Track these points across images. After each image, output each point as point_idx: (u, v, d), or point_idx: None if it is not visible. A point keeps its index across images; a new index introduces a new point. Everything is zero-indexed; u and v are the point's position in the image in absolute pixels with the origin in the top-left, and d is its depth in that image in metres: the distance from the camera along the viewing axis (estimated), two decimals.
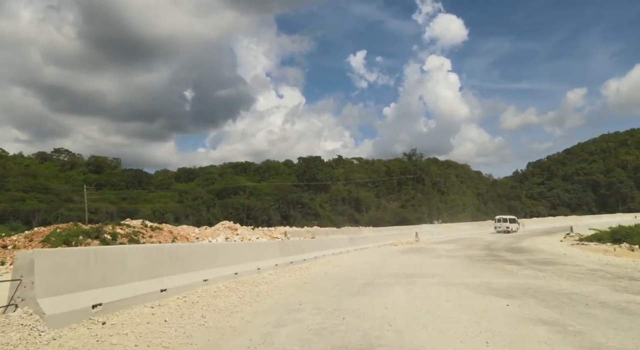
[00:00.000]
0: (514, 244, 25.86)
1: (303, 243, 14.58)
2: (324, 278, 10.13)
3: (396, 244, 26.75)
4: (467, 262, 13.77)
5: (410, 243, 28.46)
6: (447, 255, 17.01)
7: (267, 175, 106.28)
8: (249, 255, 10.23)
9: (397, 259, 15.76)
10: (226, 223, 47.76)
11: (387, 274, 10.60)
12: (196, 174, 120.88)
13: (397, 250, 21.48)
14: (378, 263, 13.72)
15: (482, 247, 23.34)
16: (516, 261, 13.85)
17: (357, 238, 21.17)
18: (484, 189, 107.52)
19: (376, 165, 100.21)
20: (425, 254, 18.05)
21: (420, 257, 16.24)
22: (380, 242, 25.23)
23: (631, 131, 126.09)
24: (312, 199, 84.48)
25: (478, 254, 17.57)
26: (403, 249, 21.97)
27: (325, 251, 16.05)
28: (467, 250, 20.38)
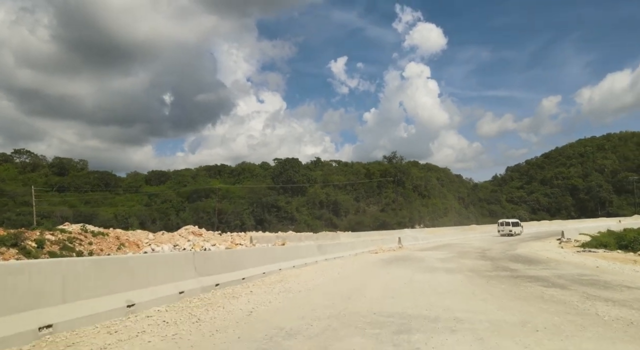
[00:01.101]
0: (510, 251, 22.40)
1: (244, 255, 10.38)
2: (233, 335, 5.15)
3: (377, 251, 22.85)
4: (478, 281, 9.87)
5: (393, 250, 24.63)
6: (443, 268, 13.14)
7: (242, 177, 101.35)
8: (140, 276, 6.03)
9: (377, 274, 11.75)
10: (190, 228, 43.40)
11: (362, 315, 6.12)
12: (168, 176, 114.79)
13: (378, 259, 17.53)
14: (350, 284, 9.63)
15: (477, 255, 19.66)
16: (544, 279, 10.06)
17: (329, 246, 17.10)
18: (465, 193, 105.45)
19: (355, 168, 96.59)
20: (415, 266, 14.15)
21: (410, 271, 12.30)
22: (357, 249, 21.26)
23: (607, 136, 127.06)
24: (289, 203, 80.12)
25: (481, 266, 13.80)
26: (385, 258, 18.04)
27: (282, 263, 11.95)
28: (464, 260, 16.63)
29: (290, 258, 12.52)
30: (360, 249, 21.65)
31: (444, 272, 12.05)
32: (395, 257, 19.09)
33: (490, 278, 10.38)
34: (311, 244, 17.08)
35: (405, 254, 20.83)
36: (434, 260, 16.76)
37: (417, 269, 12.87)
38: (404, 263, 15.43)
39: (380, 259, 17.94)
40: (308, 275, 10.99)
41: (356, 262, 16.03)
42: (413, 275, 11.06)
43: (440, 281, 9.87)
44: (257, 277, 9.98)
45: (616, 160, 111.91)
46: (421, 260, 16.49)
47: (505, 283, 9.41)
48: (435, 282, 9.74)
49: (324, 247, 16.14)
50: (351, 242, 21.95)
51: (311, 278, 10.48)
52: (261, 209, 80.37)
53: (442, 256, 19.00)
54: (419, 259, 17.17)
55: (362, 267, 13.87)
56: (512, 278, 10.29)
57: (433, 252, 22.41)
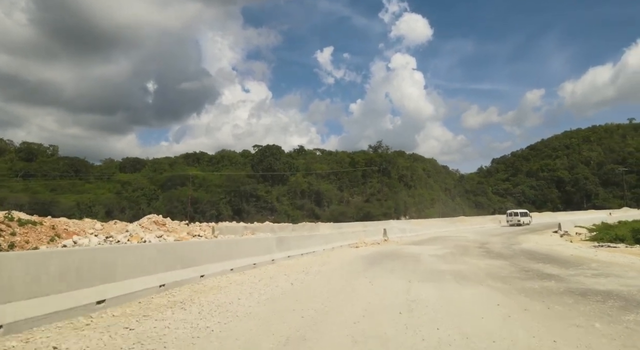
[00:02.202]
0: (515, 246, 18.89)
1: (139, 250, 6.15)
2: None
3: (357, 245, 19.00)
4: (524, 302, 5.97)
5: (378, 243, 20.83)
6: (449, 272, 9.35)
7: (221, 166, 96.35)
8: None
9: (355, 286, 7.80)
10: (153, 217, 38.73)
11: None
12: (144, 164, 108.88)
13: (359, 256, 13.65)
14: (301, 311, 5.49)
15: (481, 251, 16.00)
16: (624, 296, 6.25)
17: (295, 239, 13.02)
18: (452, 184, 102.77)
19: (340, 157, 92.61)
20: (408, 268, 10.32)
21: (404, 279, 8.45)
22: (335, 242, 17.36)
23: (593, 128, 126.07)
24: (269, 192, 75.84)
25: (499, 269, 10.05)
26: (368, 255, 14.17)
27: (208, 267, 7.93)
28: (468, 258, 12.88)
29: (226, 257, 8.52)
30: (339, 242, 17.75)
31: (454, 279, 8.22)
32: (381, 253, 15.25)
33: (536, 294, 6.56)
34: (267, 237, 13.07)
35: (393, 249, 17.02)
36: (431, 258, 12.96)
37: (413, 274, 9.02)
38: (393, 263, 11.58)
39: (362, 255, 14.06)
40: (235, 291, 6.91)
41: (329, 261, 12.10)
42: (410, 289, 7.17)
43: (461, 304, 5.94)
44: (139, 295, 5.88)
45: (602, 152, 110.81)
46: (415, 259, 12.67)
47: (576, 309, 5.54)
48: (455, 306, 5.79)
49: (287, 241, 12.15)
50: (328, 234, 18.04)
51: (236, 297, 6.39)
52: (239, 199, 75.93)
53: (439, 252, 15.24)
54: (411, 257, 13.35)
55: (335, 270, 9.93)
56: (570, 294, 6.51)
57: (425, 246, 18.67)
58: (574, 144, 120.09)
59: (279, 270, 9.57)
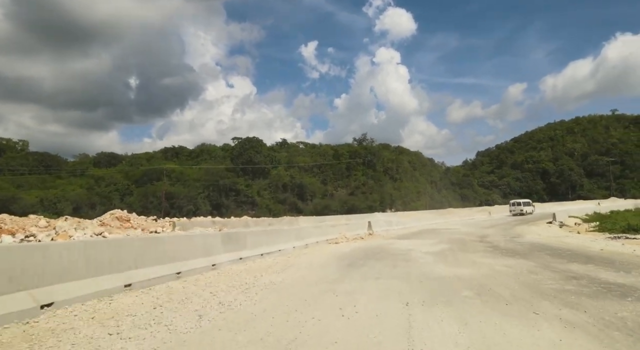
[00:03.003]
0: (518, 239, 16.39)
1: None
2: None
3: (337, 240, 16.20)
4: None
5: (361, 238, 18.07)
6: (459, 280, 6.49)
7: (200, 160, 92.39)
8: None
9: (315, 315, 4.83)
10: (116, 212, 35.23)
11: None
12: (119, 159, 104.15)
13: (335, 255, 10.83)
14: None
15: (486, 246, 13.38)
16: None
17: (251, 235, 9.95)
18: (437, 177, 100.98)
19: (323, 150, 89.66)
20: (399, 272, 7.54)
21: (398, 304, 5.46)
22: (310, 237, 14.52)
23: (576, 119, 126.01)
24: (249, 186, 72.52)
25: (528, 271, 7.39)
26: (348, 253, 11.36)
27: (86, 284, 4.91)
28: (474, 255, 10.19)
29: (123, 266, 5.54)
30: (315, 237, 14.90)
31: (476, 297, 5.39)
32: (364, 249, 12.45)
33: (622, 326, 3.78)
34: (207, 233, 10.12)
35: (379, 245, 14.26)
36: (426, 256, 10.22)
37: (409, 287, 6.20)
38: (379, 265, 8.78)
39: (341, 254, 11.24)
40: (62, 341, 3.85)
41: (295, 263, 9.23)
42: (411, 321, 4.29)
43: None
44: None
45: (585, 143, 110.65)
46: (406, 258, 9.91)
47: None
48: None
49: (239, 238, 9.17)
50: (302, 228, 15.16)
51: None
52: (218, 193, 72.40)
53: (433, 247, 12.54)
54: (401, 255, 10.58)
55: (295, 281, 6.99)
56: None
57: (416, 240, 15.99)
58: (557, 136, 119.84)
59: (209, 282, 6.60)
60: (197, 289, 6.02)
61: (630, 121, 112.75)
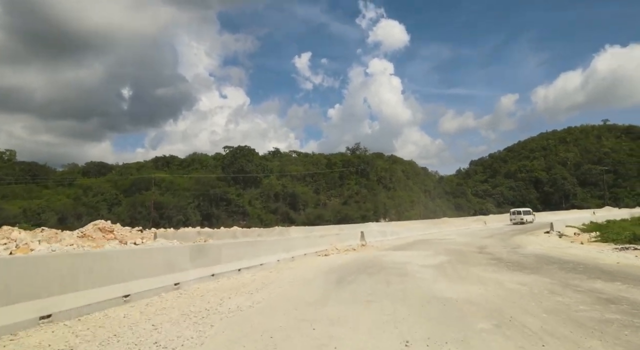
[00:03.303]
0: (520, 250, 15.40)
1: None
2: None
3: (328, 252, 15.06)
4: None
5: (353, 249, 16.92)
6: (467, 303, 5.38)
7: (191, 169, 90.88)
8: None
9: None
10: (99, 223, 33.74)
11: None
12: (109, 168, 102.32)
13: (323, 270, 9.70)
14: None
15: (484, 256, 12.33)
16: None
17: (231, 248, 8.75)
18: (431, 186, 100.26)
19: (316, 158, 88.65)
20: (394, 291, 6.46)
21: (394, 339, 4.32)
22: (298, 249, 13.37)
23: (568, 129, 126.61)
24: (240, 195, 71.09)
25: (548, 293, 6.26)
26: (337, 267, 10.23)
27: None
28: (477, 269, 9.12)
29: (24, 297, 4.29)
30: (303, 249, 13.75)
31: (496, 331, 4.26)
32: (356, 263, 11.33)
33: None
34: (171, 246, 8.89)
35: (372, 257, 13.15)
36: (424, 270, 9.13)
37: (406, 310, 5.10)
38: (370, 281, 7.67)
39: (329, 268, 10.10)
40: None
41: (276, 280, 8.08)
42: None
43: None
44: None
45: (578, 153, 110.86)
46: (401, 273, 8.80)
47: None
48: None
49: (211, 252, 7.97)
50: (289, 239, 14.03)
51: None
52: (208, 203, 70.84)
53: (431, 260, 11.46)
54: (396, 269, 9.47)
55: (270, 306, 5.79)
56: None
57: (412, 252, 14.90)
58: (550, 145, 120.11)
59: (162, 308, 5.40)
60: (141, 319, 4.85)
61: (622, 131, 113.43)
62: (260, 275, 8.70)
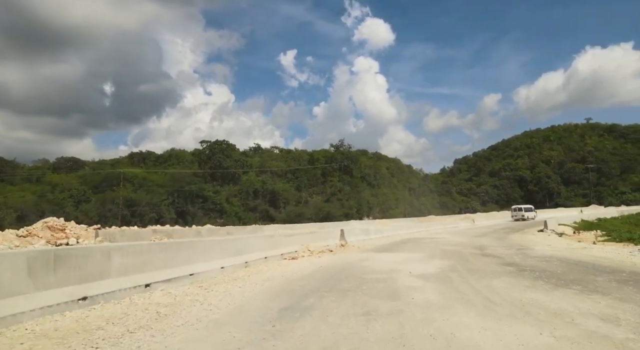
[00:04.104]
0: (528, 251, 12.79)
1: None
2: None
3: (297, 255, 12.13)
4: None
5: (330, 251, 14.00)
6: None
7: (168, 165, 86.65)
8: None
9: None
10: (50, 220, 30.20)
11: None
12: (81, 164, 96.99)
13: (268, 289, 6.75)
14: None
15: (492, 261, 9.57)
16: None
17: (133, 252, 5.84)
18: (416, 184, 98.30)
19: (298, 154, 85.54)
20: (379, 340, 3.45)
21: None
22: (257, 251, 10.41)
23: (552, 128, 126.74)
24: (217, 192, 67.47)
25: None
26: (296, 280, 7.33)
27: None
28: (498, 282, 6.28)
29: None
30: (263, 251, 10.78)
31: None
32: (327, 271, 8.42)
33: None
34: None
35: (351, 262, 10.26)
36: (423, 285, 6.26)
37: None
38: (340, 309, 4.80)
39: (285, 280, 7.16)
40: None
41: (184, 308, 5.09)
42: None
43: None
44: None
45: (562, 151, 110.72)
46: (389, 287, 5.92)
47: None
48: None
49: (79, 259, 4.88)
50: (240, 239, 10.99)
51: None
52: (183, 200, 67.03)
53: (429, 267, 8.62)
54: (382, 282, 6.58)
55: None
56: None
57: (401, 254, 12.08)
58: (534, 144, 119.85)
59: None
60: None
61: (605, 130, 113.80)
62: (173, 296, 5.72)
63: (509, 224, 40.98)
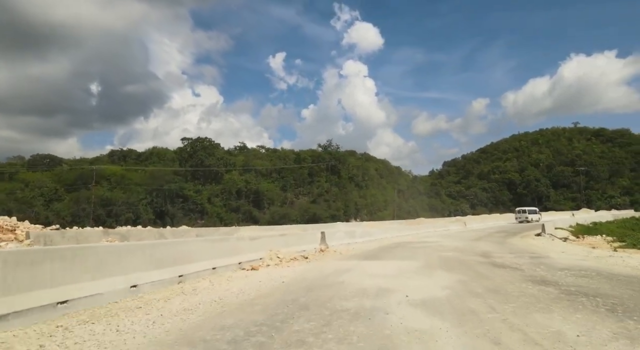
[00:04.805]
0: (545, 259, 10.45)
1: None
2: None
3: (260, 264, 9.59)
4: None
5: (305, 258, 11.49)
6: None
7: (148, 164, 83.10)
8: None
9: None
10: None
11: None
12: (57, 162, 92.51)
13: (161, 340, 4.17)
14: None
15: (513, 272, 7.13)
16: None
17: None
18: (405, 186, 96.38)
19: (284, 154, 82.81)
20: None
21: None
22: (205, 260, 7.83)
23: (540, 131, 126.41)
24: (198, 192, 64.39)
25: None
26: (232, 312, 4.80)
27: None
28: (540, 315, 3.84)
29: None
30: (211, 260, 8.23)
31: None
32: (290, 292, 5.95)
33: None
34: None
35: (326, 275, 7.79)
36: (433, 325, 3.76)
37: None
38: None
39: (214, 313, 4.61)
40: None
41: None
42: None
43: None
44: None
45: (550, 154, 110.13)
46: (377, 336, 3.36)
47: None
48: None
49: None
50: (178, 243, 8.40)
51: None
52: (163, 199, 63.76)
53: (434, 287, 6.21)
54: (364, 318, 4.13)
55: None
56: None
57: (391, 263, 9.63)
58: (523, 147, 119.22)
59: None
60: None
61: (592, 134, 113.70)
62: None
63: (502, 227, 39.10)
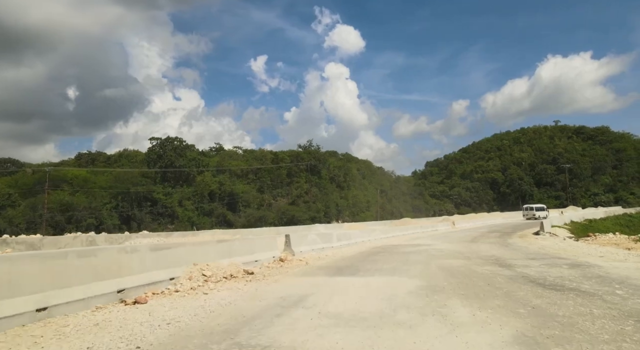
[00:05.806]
0: (591, 269, 6.95)
1: None
2: None
3: (161, 290, 5.86)
4: None
5: (249, 273, 7.92)
6: None
7: (117, 166, 77.85)
8: None
9: None
10: None
11: None
12: (19, 166, 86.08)
13: None
14: None
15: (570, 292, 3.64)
16: None
17: None
18: (388, 186, 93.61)
19: (261, 154, 78.87)
20: None
21: None
22: (44, 291, 4.06)
23: (522, 130, 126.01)
24: (168, 194, 59.86)
25: None
26: None
27: None
28: None
29: None
30: (58, 289, 4.49)
31: None
32: None
33: None
34: None
35: (252, 316, 4.28)
36: None
37: None
38: None
39: None
40: None
41: None
42: None
43: None
44: None
45: (532, 153, 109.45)
46: None
47: None
48: None
49: None
50: None
51: None
52: (129, 203, 58.99)
53: None
54: None
55: None
56: None
57: (375, 280, 6.17)
58: (505, 146, 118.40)
59: None
60: None
61: (573, 132, 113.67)
62: None
63: (490, 226, 36.41)
